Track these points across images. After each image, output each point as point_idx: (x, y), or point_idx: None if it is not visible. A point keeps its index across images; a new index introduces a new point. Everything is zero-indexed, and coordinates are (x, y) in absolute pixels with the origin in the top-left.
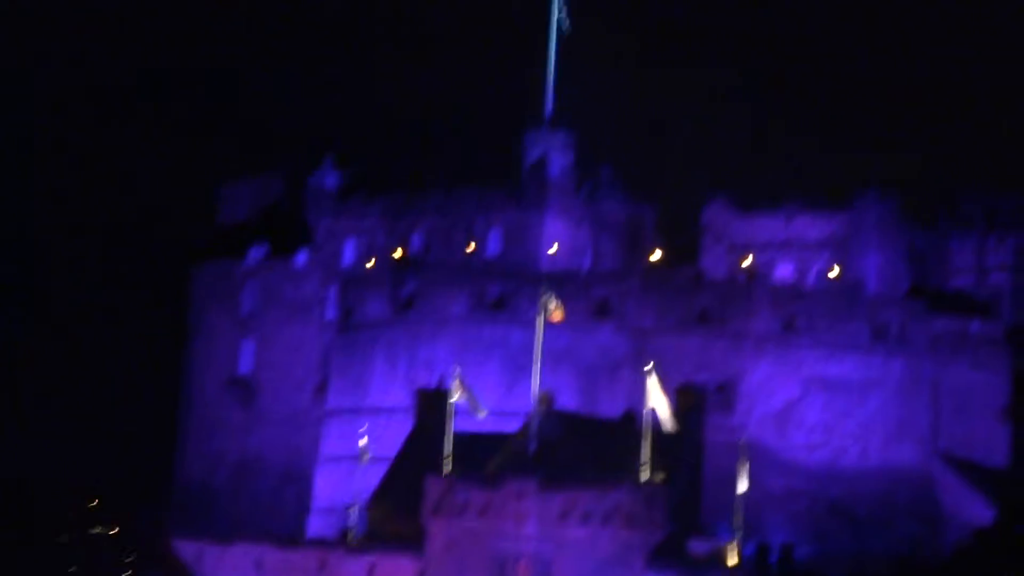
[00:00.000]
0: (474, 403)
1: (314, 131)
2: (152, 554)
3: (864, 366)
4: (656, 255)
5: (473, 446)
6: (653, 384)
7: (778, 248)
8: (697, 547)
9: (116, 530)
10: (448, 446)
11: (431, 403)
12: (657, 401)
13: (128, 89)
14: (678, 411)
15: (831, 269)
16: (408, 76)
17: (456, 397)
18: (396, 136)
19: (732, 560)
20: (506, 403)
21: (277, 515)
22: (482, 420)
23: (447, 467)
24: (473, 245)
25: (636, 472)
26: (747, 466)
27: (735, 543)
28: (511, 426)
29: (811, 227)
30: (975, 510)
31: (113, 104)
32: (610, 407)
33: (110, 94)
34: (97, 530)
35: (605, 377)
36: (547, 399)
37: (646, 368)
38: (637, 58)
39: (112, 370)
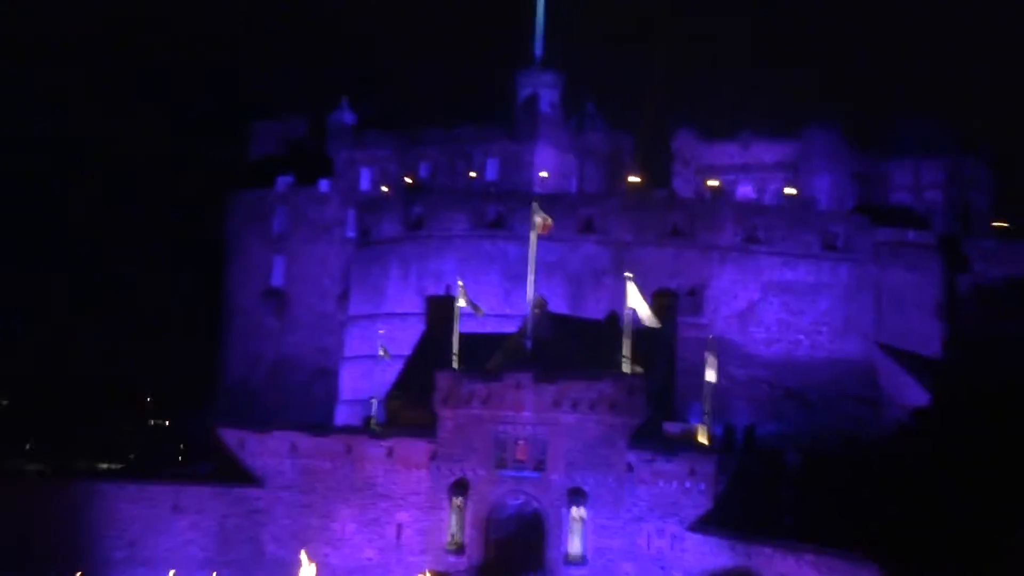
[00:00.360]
0: (475, 307)
1: (331, 76)
2: (201, 443)
3: (815, 271)
4: (634, 178)
5: (477, 345)
6: (632, 289)
7: (739, 171)
8: (671, 428)
9: (168, 422)
10: (455, 345)
11: (439, 308)
12: (636, 304)
13: (173, 44)
14: (654, 313)
15: (785, 188)
16: (412, 24)
17: (461, 303)
18: (403, 77)
19: (702, 439)
20: (505, 308)
21: (308, 407)
22: (484, 321)
23: (455, 363)
24: (473, 172)
25: (618, 365)
26: (714, 359)
27: (705, 425)
28: (510, 327)
29: (767, 152)
30: (911, 393)
31: (164, 57)
32: (595, 310)
33: (160, 50)
34: (152, 422)
35: (590, 284)
36: (541, 303)
37: (626, 276)
38: (617, 5)
39: (164, 287)
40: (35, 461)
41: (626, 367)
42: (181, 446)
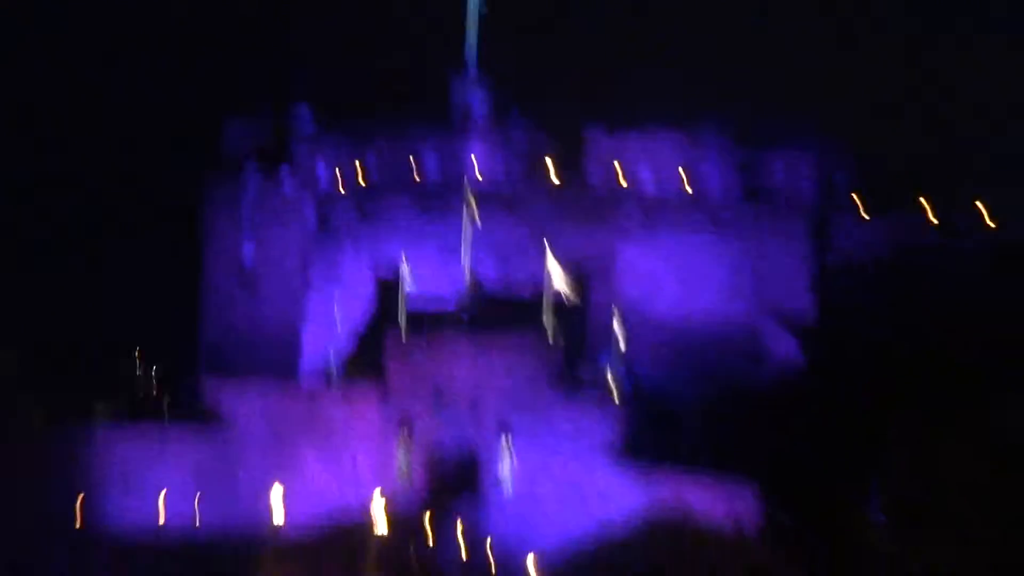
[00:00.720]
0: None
1: (292, 77)
2: (187, 395)
3: (705, 246)
4: (552, 168)
5: (421, 319)
6: (552, 263)
7: (641, 160)
8: (585, 375)
9: (156, 372)
10: (402, 320)
11: (388, 289)
12: (555, 274)
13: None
14: (572, 284)
15: (680, 176)
16: (363, 31)
17: (406, 285)
18: (355, 81)
19: (611, 385)
20: (443, 282)
21: (276, 362)
22: (425, 298)
23: (402, 330)
24: (416, 166)
25: (540, 323)
26: (620, 320)
27: (612, 373)
28: (448, 303)
29: (665, 144)
30: (786, 348)
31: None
32: (520, 279)
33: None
34: (142, 373)
35: (517, 259)
36: (476, 286)
37: (546, 251)
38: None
39: (155, 265)
40: (39, 407)
41: (547, 324)
42: (167, 394)
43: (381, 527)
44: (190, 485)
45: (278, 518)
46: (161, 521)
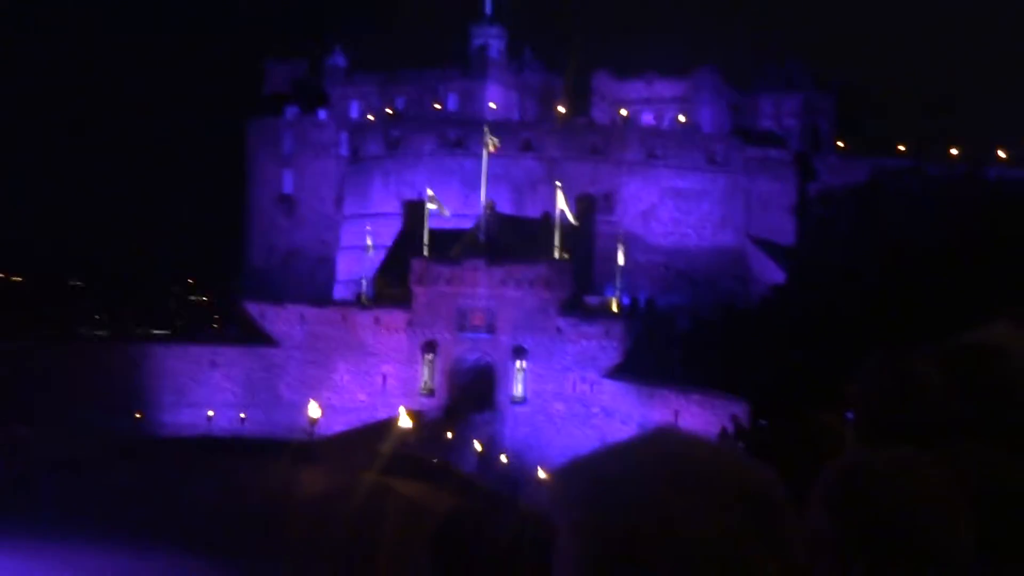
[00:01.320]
0: (441, 207)
1: (328, 23)
2: (231, 314)
3: (700, 180)
4: (561, 109)
5: (442, 238)
6: (560, 195)
7: (643, 103)
8: (591, 300)
9: (206, 298)
10: (425, 238)
11: (413, 210)
12: (563, 206)
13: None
14: (577, 212)
15: (679, 116)
16: None
17: (430, 206)
18: (383, 27)
19: (614, 308)
20: (464, 210)
21: (313, 286)
22: (447, 219)
23: (425, 252)
24: (438, 105)
25: (551, 253)
26: (623, 247)
27: (616, 297)
28: (467, 225)
29: (666, 88)
30: (772, 273)
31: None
32: (533, 211)
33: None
34: (193, 298)
35: (529, 191)
36: (491, 206)
37: (556, 184)
38: None
39: (203, 195)
40: (102, 328)
41: (556, 254)
42: (215, 316)
43: (406, 435)
44: (236, 400)
45: (314, 426)
46: (211, 428)
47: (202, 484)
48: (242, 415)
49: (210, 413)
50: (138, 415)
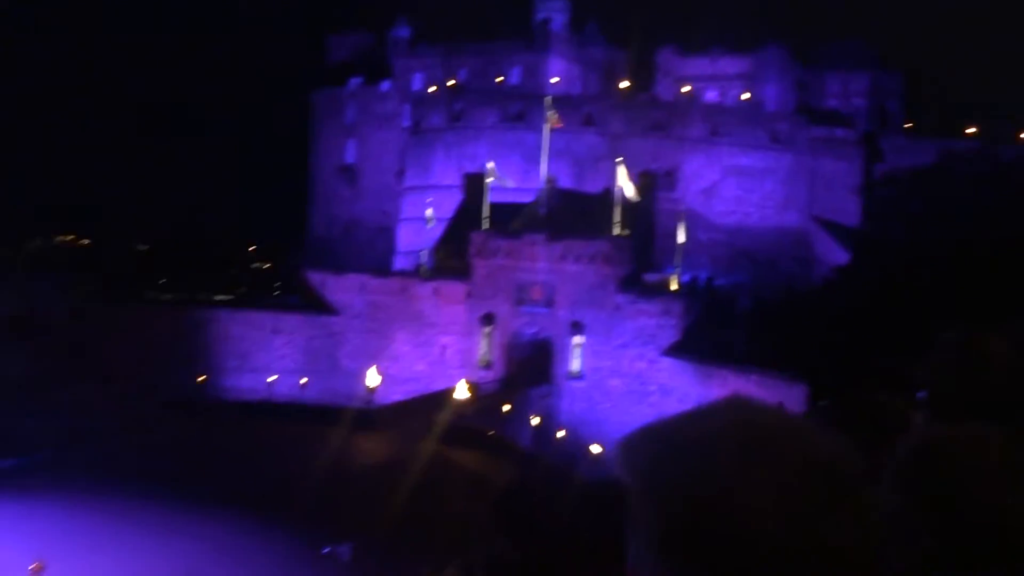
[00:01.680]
0: (501, 180)
1: None
2: (292, 282)
3: (763, 159)
4: (625, 84)
5: (502, 211)
6: (622, 171)
7: (707, 80)
8: (650, 278)
9: (268, 265)
10: (486, 211)
11: (474, 183)
12: (625, 183)
13: None
14: (638, 189)
15: (743, 94)
16: None
17: (490, 179)
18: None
19: (673, 286)
20: (524, 183)
21: (373, 256)
22: (507, 193)
23: (485, 225)
24: (501, 78)
25: (611, 229)
26: (684, 225)
27: (675, 275)
28: (527, 199)
29: (730, 65)
30: (835, 254)
31: None
32: (593, 186)
33: None
34: (256, 265)
35: (590, 166)
36: (551, 181)
37: (617, 160)
38: None
39: (267, 164)
40: (168, 293)
41: (616, 230)
42: (277, 284)
43: (463, 407)
44: (297, 366)
45: (373, 395)
46: (272, 393)
47: (262, 448)
48: (302, 381)
49: (272, 378)
50: (202, 378)
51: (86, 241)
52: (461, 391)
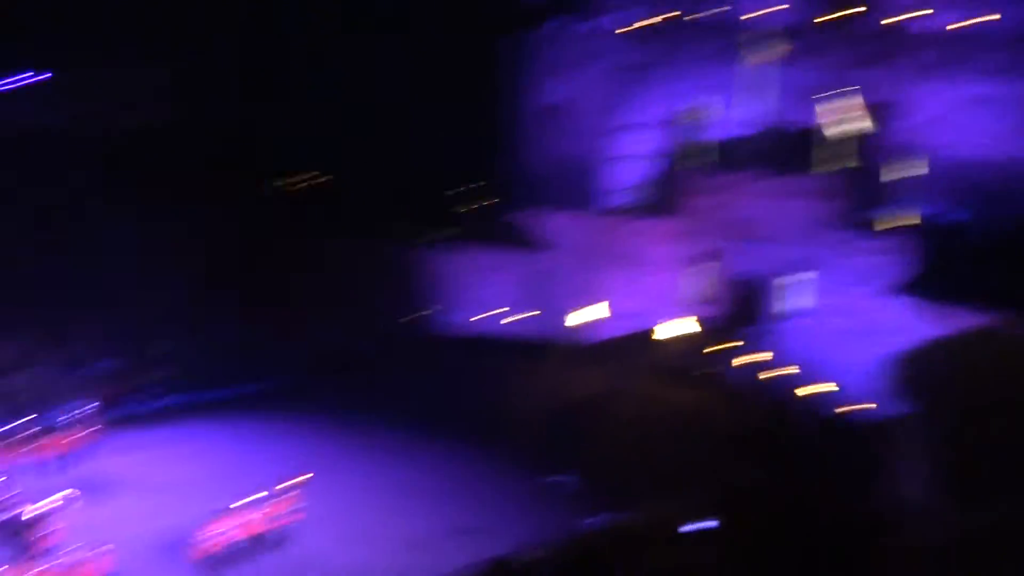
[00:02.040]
0: (714, 115)
1: None
2: (504, 220)
3: (1000, 87)
4: (849, 12)
5: (716, 148)
6: (844, 103)
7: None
8: (874, 214)
9: (482, 204)
10: (699, 147)
11: (686, 119)
12: (847, 114)
13: None
14: (866, 125)
15: (977, 18)
16: None
17: (703, 114)
18: None
19: (900, 222)
20: (738, 118)
21: (582, 195)
22: (721, 127)
23: (699, 162)
24: (714, 9)
25: (832, 163)
26: (911, 159)
27: (903, 211)
28: (743, 134)
29: None
30: None
31: None
32: (813, 120)
33: None
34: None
35: (809, 99)
36: (769, 115)
37: (838, 91)
38: None
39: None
40: (392, 229)
41: (838, 165)
42: (490, 222)
43: (677, 345)
44: (513, 302)
45: (588, 330)
46: (488, 328)
47: (484, 381)
48: (516, 317)
49: (488, 313)
50: (423, 313)
51: (323, 178)
52: (676, 328)
